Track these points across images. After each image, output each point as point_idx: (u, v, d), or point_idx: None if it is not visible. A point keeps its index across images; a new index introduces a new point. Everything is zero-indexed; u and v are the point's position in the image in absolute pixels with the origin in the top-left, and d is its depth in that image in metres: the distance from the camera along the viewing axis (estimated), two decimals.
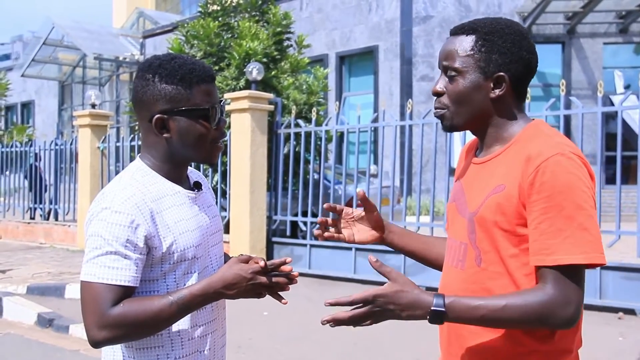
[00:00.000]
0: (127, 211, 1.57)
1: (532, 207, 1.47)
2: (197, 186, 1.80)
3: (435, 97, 1.67)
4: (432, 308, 1.45)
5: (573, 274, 1.44)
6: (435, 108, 1.67)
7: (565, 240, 1.43)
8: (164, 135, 1.67)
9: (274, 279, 1.65)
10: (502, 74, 1.58)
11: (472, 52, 1.59)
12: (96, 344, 1.56)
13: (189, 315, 1.64)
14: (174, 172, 1.72)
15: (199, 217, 1.74)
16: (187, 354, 1.67)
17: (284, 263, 1.68)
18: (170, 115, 1.65)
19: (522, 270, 1.52)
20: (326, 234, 1.90)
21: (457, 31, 1.63)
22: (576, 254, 1.43)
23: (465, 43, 1.60)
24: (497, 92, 1.59)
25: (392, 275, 1.49)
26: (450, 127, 1.66)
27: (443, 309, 1.44)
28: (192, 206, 1.73)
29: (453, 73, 1.61)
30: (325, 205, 1.87)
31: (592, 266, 1.47)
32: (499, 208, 1.52)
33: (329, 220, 1.90)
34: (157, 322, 1.56)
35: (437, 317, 1.46)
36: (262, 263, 1.63)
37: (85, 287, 1.56)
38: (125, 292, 1.56)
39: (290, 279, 1.68)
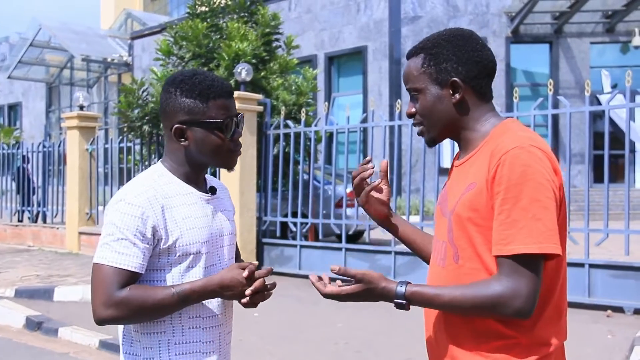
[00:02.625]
0: (139, 204, 1.74)
1: (495, 199, 1.53)
2: (212, 191, 1.94)
3: (412, 118, 1.77)
4: (395, 300, 1.59)
5: (528, 265, 1.49)
6: (415, 126, 1.77)
7: (520, 231, 1.48)
8: (182, 143, 1.84)
9: (248, 291, 1.76)
10: (455, 79, 1.66)
11: (423, 69, 1.70)
12: (101, 321, 1.72)
13: (194, 305, 1.80)
14: (191, 175, 1.88)
15: (210, 217, 1.88)
16: (187, 341, 1.81)
17: (271, 272, 1.81)
18: (189, 126, 1.82)
19: None
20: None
21: (410, 55, 1.75)
22: (530, 244, 1.47)
23: (417, 62, 1.71)
24: (457, 96, 1.67)
25: (358, 277, 1.60)
26: (430, 140, 1.77)
27: (403, 301, 1.58)
28: (205, 207, 1.88)
29: (415, 93, 1.72)
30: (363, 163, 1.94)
31: (548, 257, 1.51)
32: (472, 205, 1.58)
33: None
34: (158, 309, 1.73)
35: (400, 307, 1.59)
36: (245, 274, 1.75)
37: (96, 269, 1.73)
38: (132, 277, 1.72)
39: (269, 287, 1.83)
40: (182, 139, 1.83)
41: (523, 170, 1.49)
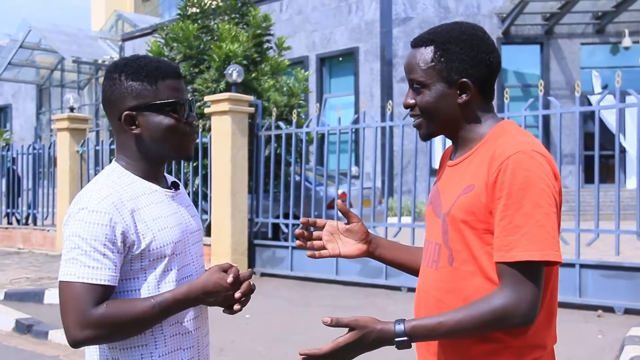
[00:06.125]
0: (105, 210, 1.59)
1: (496, 204, 1.50)
2: (174, 186, 1.83)
3: (409, 109, 1.71)
4: (396, 340, 1.50)
5: (530, 272, 1.47)
6: (411, 116, 1.72)
7: (523, 237, 1.46)
8: (134, 131, 1.70)
9: (238, 294, 1.69)
10: (465, 80, 1.61)
11: (432, 64, 1.62)
12: (77, 343, 1.56)
13: None
14: (150, 171, 1.74)
15: (179, 214, 1.76)
16: (170, 351, 1.69)
17: (251, 274, 1.74)
18: (139, 112, 1.68)
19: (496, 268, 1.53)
20: (309, 252, 1.89)
21: (417, 43, 1.67)
22: (533, 250, 1.45)
23: (425, 55, 1.63)
24: (464, 97, 1.62)
25: (352, 324, 1.53)
26: (425, 135, 1.72)
27: (405, 338, 1.50)
28: (171, 204, 1.76)
29: (418, 86, 1.65)
30: (302, 220, 1.87)
31: (550, 264, 1.49)
32: (469, 207, 1.55)
33: (305, 232, 1.87)
34: (139, 324, 1.59)
35: (403, 345, 1.51)
36: (230, 280, 1.66)
37: (65, 287, 1.57)
38: (106, 292, 1.58)
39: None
40: (133, 127, 1.69)
41: (525, 175, 1.47)
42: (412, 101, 1.68)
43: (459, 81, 1.61)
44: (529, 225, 1.46)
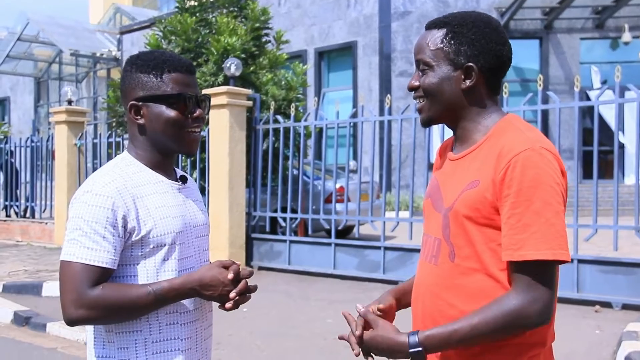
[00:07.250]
0: (108, 194, 1.63)
1: (503, 202, 1.48)
2: (183, 180, 1.85)
3: (413, 92, 1.69)
4: (410, 350, 1.50)
5: (542, 271, 1.45)
6: (415, 99, 1.70)
7: (532, 236, 1.44)
8: (138, 121, 1.74)
9: (233, 294, 1.69)
10: (471, 64, 1.59)
11: (441, 45, 1.61)
12: (71, 322, 1.61)
13: None
14: (158, 162, 1.77)
15: (183, 206, 1.78)
16: (164, 339, 1.70)
17: (252, 274, 1.74)
18: (144, 102, 1.72)
19: (498, 265, 1.51)
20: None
21: (431, 25, 1.66)
22: (542, 249, 1.43)
23: (436, 37, 1.62)
24: (468, 82, 1.60)
25: (373, 323, 1.60)
26: (426, 119, 1.68)
27: (420, 349, 1.49)
28: (177, 195, 1.78)
29: (425, 67, 1.63)
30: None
31: (560, 262, 1.47)
32: (474, 203, 1.53)
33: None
34: (133, 309, 1.62)
35: (418, 356, 1.50)
36: (230, 275, 1.67)
37: (64, 266, 1.61)
38: (104, 274, 1.61)
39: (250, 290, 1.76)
40: (138, 117, 1.73)
41: (535, 173, 1.45)
42: (416, 83, 1.66)
43: (465, 65, 1.59)
44: (539, 223, 1.44)
